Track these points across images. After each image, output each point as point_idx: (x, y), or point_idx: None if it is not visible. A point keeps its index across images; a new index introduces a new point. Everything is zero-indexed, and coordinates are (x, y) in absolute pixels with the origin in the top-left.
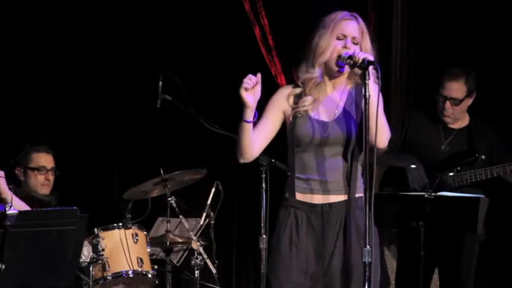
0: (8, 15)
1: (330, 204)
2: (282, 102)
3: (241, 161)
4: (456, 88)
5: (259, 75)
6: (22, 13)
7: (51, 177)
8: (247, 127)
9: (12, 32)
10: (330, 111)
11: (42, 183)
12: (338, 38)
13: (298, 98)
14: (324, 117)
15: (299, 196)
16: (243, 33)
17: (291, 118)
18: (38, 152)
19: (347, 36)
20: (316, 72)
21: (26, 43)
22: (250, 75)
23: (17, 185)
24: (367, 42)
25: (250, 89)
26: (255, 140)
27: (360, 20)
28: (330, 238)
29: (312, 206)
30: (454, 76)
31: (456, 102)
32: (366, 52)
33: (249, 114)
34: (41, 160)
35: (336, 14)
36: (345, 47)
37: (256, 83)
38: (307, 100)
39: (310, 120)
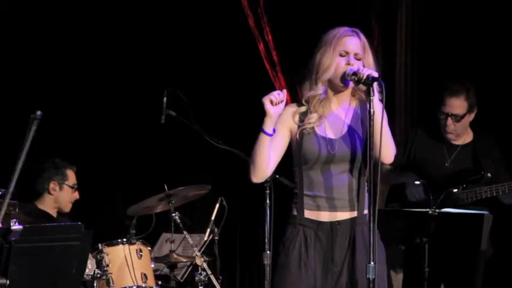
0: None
1: (339, 222)
2: (288, 121)
3: (255, 180)
4: (457, 104)
5: (285, 91)
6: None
7: (78, 196)
8: (265, 140)
9: (12, 34)
10: (336, 128)
11: (71, 201)
12: (341, 55)
13: (303, 115)
14: (331, 134)
15: (307, 214)
16: (248, 49)
17: (297, 136)
18: (72, 169)
19: (349, 52)
20: (320, 89)
21: (25, 50)
22: (278, 91)
23: (37, 197)
24: (369, 58)
25: (274, 103)
26: (270, 158)
27: (362, 35)
28: (338, 255)
29: (321, 224)
30: (454, 92)
31: (457, 118)
32: (369, 68)
33: (269, 125)
34: (74, 178)
35: (338, 30)
36: (348, 63)
37: (281, 100)
38: (313, 117)
39: (316, 137)
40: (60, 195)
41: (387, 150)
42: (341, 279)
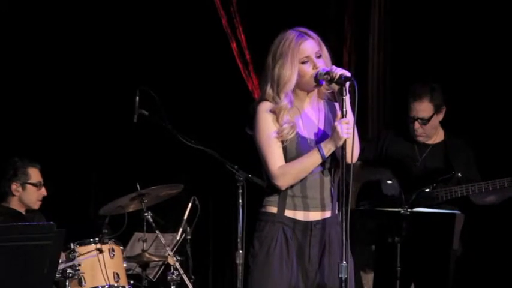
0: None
1: (317, 221)
2: (275, 124)
3: (282, 188)
4: (422, 108)
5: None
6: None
7: (45, 192)
8: (319, 162)
9: None
10: (309, 129)
11: (38, 199)
12: (303, 62)
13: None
14: (309, 135)
15: (287, 212)
16: (220, 49)
17: (281, 139)
18: (34, 167)
19: (311, 55)
20: (283, 100)
21: None
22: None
23: (3, 198)
24: (325, 50)
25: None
26: None
27: (311, 33)
28: (314, 255)
29: (299, 223)
30: (418, 96)
31: (424, 121)
32: (327, 59)
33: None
34: (38, 175)
35: (290, 39)
36: (315, 67)
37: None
38: (286, 128)
39: (296, 143)
40: (24, 195)
41: (355, 150)
42: (317, 278)
